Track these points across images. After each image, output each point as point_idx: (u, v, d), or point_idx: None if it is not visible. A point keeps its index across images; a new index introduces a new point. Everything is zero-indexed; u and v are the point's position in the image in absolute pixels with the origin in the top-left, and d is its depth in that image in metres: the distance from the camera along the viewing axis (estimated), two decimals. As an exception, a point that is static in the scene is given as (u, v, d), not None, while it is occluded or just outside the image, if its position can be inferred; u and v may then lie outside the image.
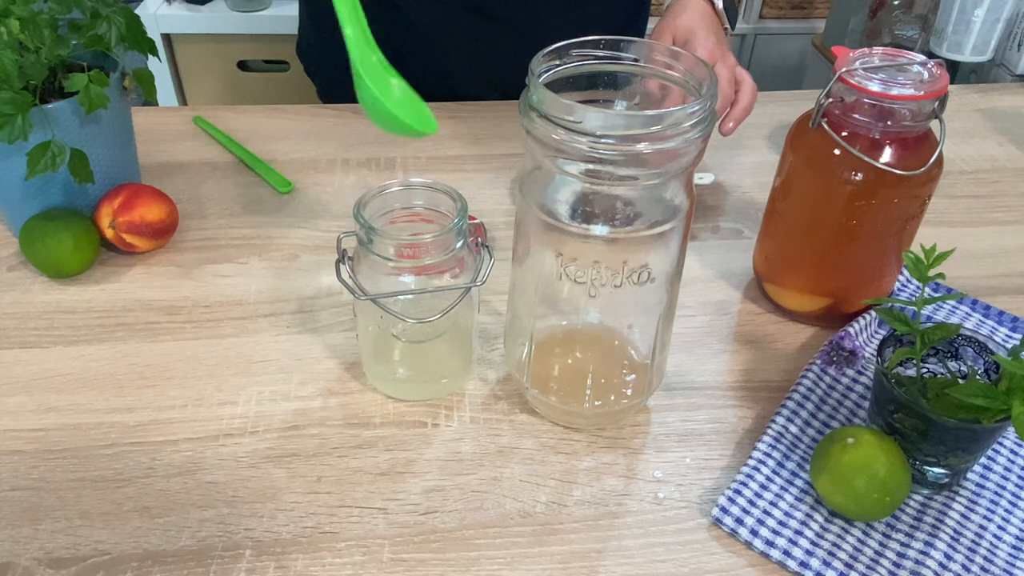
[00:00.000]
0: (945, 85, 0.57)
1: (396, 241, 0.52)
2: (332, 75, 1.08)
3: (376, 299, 0.53)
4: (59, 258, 0.68)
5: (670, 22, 0.83)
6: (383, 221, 0.56)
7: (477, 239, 0.56)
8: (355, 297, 0.53)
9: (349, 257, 0.55)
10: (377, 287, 0.54)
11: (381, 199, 0.55)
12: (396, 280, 0.55)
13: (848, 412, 0.59)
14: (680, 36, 0.82)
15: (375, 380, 0.60)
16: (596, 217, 0.49)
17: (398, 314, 0.54)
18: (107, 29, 0.66)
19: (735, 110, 0.79)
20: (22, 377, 0.61)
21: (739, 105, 0.79)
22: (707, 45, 0.80)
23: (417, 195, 0.56)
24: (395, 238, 0.53)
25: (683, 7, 0.83)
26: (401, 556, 0.50)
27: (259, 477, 0.54)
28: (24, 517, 0.51)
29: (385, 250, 0.52)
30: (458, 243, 0.54)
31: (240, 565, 0.49)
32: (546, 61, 0.48)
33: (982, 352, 0.54)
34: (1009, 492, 0.54)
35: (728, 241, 0.78)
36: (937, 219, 0.81)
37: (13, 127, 0.61)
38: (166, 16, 1.62)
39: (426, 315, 0.55)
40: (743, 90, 0.80)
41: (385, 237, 0.52)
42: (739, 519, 0.51)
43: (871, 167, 0.58)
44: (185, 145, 0.89)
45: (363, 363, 0.61)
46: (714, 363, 0.64)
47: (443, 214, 0.56)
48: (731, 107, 0.80)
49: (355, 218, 0.52)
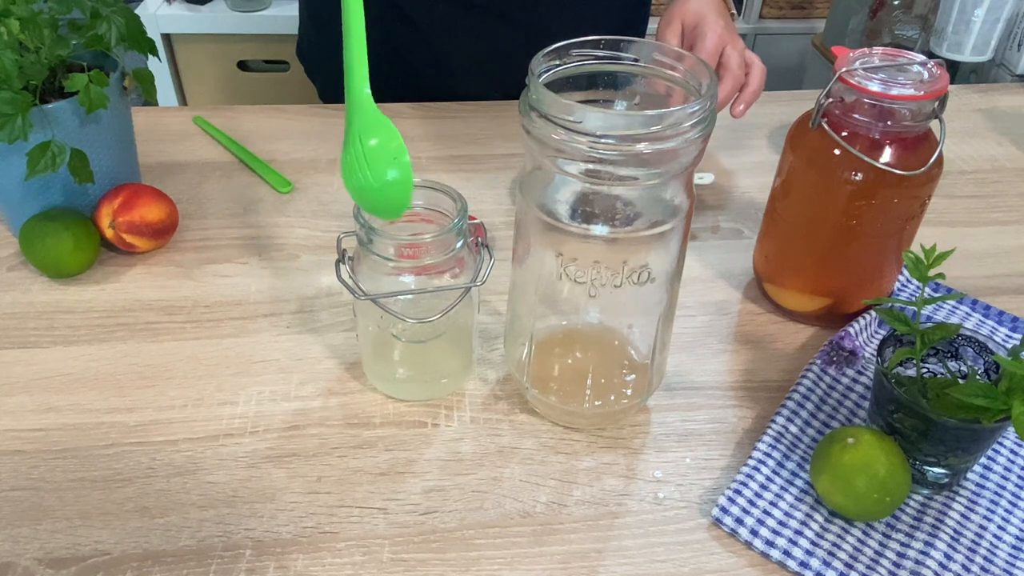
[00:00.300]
0: (945, 85, 0.57)
1: (396, 241, 0.52)
2: (332, 75, 1.08)
3: (376, 299, 0.53)
4: (59, 258, 0.68)
5: (679, 7, 0.84)
6: (383, 221, 0.56)
7: (477, 239, 0.56)
8: (355, 297, 0.53)
9: (349, 257, 0.55)
10: (377, 287, 0.54)
11: None
12: (396, 280, 0.55)
13: (848, 412, 0.59)
14: (689, 21, 0.83)
15: (375, 380, 0.60)
16: (596, 217, 0.49)
17: (398, 314, 0.54)
18: (107, 29, 0.66)
19: (745, 93, 0.80)
20: (22, 377, 0.61)
21: (749, 88, 0.80)
22: (716, 29, 0.80)
23: (417, 195, 0.56)
24: (395, 238, 0.53)
25: None
26: (401, 556, 0.50)
27: (259, 477, 0.54)
28: (24, 517, 0.51)
29: (385, 250, 0.52)
30: (458, 243, 0.54)
31: (240, 565, 0.49)
32: (546, 61, 0.48)
33: (982, 352, 0.54)
34: (1009, 492, 0.54)
35: (728, 241, 0.78)
36: (937, 219, 0.81)
37: (13, 127, 0.61)
38: (166, 16, 1.62)
39: (426, 315, 0.55)
40: (753, 72, 0.81)
41: (385, 237, 0.52)
42: (739, 519, 0.51)
43: (871, 167, 0.58)
44: (185, 145, 0.89)
45: (363, 363, 0.61)
46: (714, 363, 0.64)
47: (443, 214, 0.56)
48: (741, 90, 0.80)
49: (355, 218, 0.52)
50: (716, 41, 0.80)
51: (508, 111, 0.97)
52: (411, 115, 0.95)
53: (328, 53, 1.07)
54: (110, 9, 0.67)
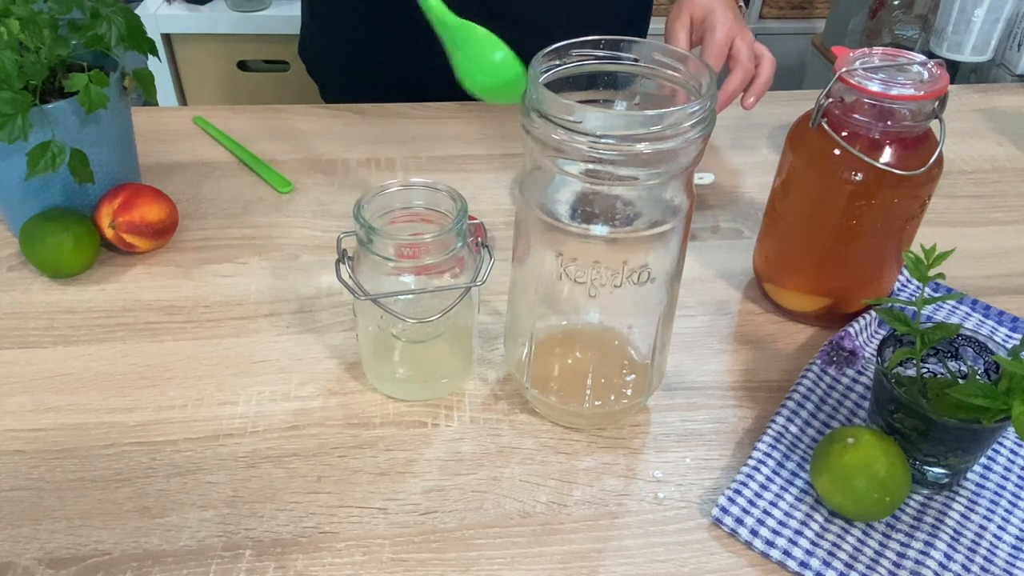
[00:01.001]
0: (945, 85, 0.57)
1: (396, 241, 0.52)
2: (334, 73, 1.08)
3: (376, 299, 0.53)
4: (59, 258, 0.68)
5: (688, 1, 0.84)
6: (383, 221, 0.56)
7: (477, 239, 0.56)
8: (355, 297, 0.53)
9: (349, 257, 0.55)
10: (377, 287, 0.54)
11: (381, 199, 0.55)
12: (396, 280, 0.55)
13: (848, 412, 0.59)
14: (698, 14, 0.83)
15: (375, 380, 0.61)
16: (596, 217, 0.49)
17: (398, 314, 0.54)
18: (107, 29, 0.66)
19: (756, 84, 0.81)
20: (22, 377, 0.61)
21: (760, 79, 0.81)
22: (726, 22, 0.81)
23: (417, 195, 0.56)
24: (395, 238, 0.53)
25: None
26: (401, 556, 0.50)
27: (259, 477, 0.54)
28: (24, 517, 0.51)
29: (385, 250, 0.52)
30: (458, 243, 0.54)
31: (240, 565, 0.49)
32: (546, 61, 0.48)
33: (982, 352, 0.54)
34: (1009, 492, 0.54)
35: (728, 241, 0.78)
36: (937, 219, 0.81)
37: (13, 127, 0.61)
38: (166, 16, 1.62)
39: (426, 315, 0.55)
40: (763, 64, 0.82)
41: (385, 237, 0.52)
42: (739, 519, 0.51)
43: (871, 167, 0.58)
44: (185, 145, 0.89)
45: (363, 363, 0.61)
46: (714, 363, 0.64)
47: (443, 214, 0.56)
48: (752, 82, 0.81)
49: (355, 218, 0.52)
50: (726, 33, 0.80)
51: (508, 111, 0.97)
52: (411, 115, 0.95)
53: (330, 51, 1.07)
54: (110, 9, 0.67)
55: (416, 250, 0.53)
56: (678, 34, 0.84)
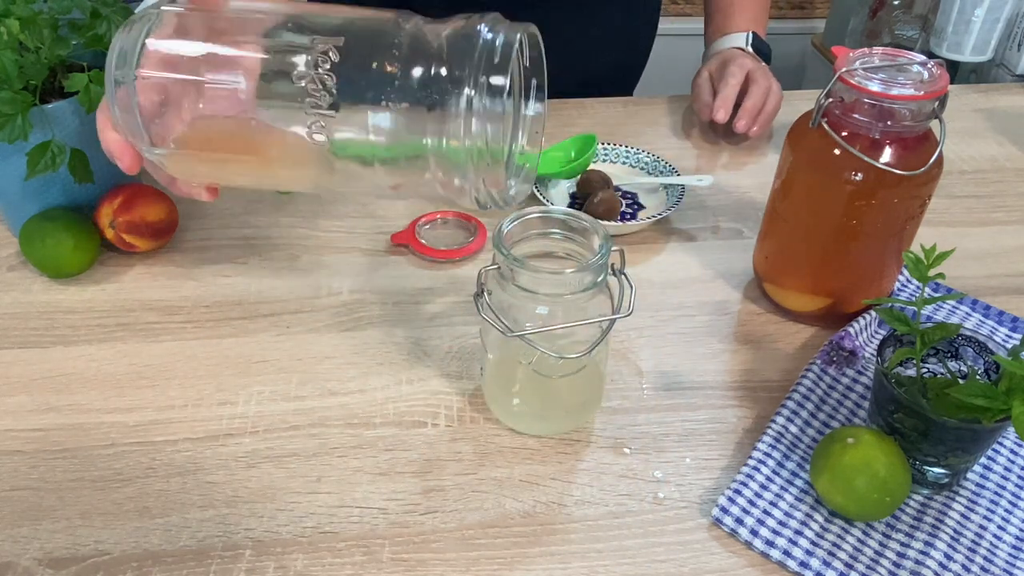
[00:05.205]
0: (945, 85, 0.57)
1: (539, 274, 0.50)
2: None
3: (524, 335, 0.51)
4: (59, 258, 0.68)
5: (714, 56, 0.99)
6: (528, 253, 0.53)
7: (613, 267, 0.54)
8: (504, 335, 0.51)
9: (489, 292, 0.53)
10: (513, 320, 0.52)
11: (522, 225, 0.53)
12: (532, 311, 0.52)
13: (848, 412, 0.59)
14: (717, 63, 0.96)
15: (498, 411, 0.58)
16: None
17: (546, 351, 0.51)
18: (107, 29, 0.66)
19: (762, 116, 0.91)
20: (22, 377, 0.61)
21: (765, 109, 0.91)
22: (744, 64, 0.93)
23: (554, 223, 0.54)
24: (538, 271, 0.50)
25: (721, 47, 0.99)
26: (401, 556, 0.50)
27: (259, 477, 0.54)
28: (24, 517, 0.51)
29: (529, 283, 0.51)
30: (600, 276, 0.52)
31: (240, 565, 0.49)
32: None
33: (982, 352, 0.54)
34: (1009, 492, 0.54)
35: (728, 241, 0.78)
36: (937, 219, 0.81)
37: (13, 127, 0.61)
38: (166, 16, 1.61)
39: (560, 347, 0.53)
40: (770, 98, 0.92)
41: (529, 270, 0.50)
42: (739, 519, 0.51)
43: (871, 167, 0.58)
44: (185, 145, 0.89)
45: (486, 394, 0.59)
46: (714, 363, 0.64)
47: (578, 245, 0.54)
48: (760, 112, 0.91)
49: (498, 250, 0.50)
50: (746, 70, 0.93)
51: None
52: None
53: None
54: (110, 9, 0.67)
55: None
56: (702, 77, 0.96)
